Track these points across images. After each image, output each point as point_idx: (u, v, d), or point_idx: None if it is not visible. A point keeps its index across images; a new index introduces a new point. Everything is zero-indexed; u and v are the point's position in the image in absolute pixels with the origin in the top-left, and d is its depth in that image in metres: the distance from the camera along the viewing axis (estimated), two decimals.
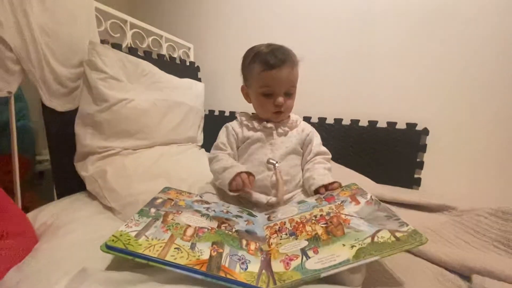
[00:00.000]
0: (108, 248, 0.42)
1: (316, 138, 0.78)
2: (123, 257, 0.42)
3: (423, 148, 1.12)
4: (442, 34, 1.06)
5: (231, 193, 0.65)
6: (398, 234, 0.41)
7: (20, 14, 0.71)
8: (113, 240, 0.42)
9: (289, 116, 0.78)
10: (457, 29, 1.03)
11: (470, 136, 1.06)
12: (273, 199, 0.68)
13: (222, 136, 0.77)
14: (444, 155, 1.10)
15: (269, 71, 0.66)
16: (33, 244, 0.57)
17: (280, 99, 0.69)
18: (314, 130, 0.80)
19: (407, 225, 0.43)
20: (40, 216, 0.69)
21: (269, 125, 0.74)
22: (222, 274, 0.39)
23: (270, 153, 0.72)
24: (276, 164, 0.69)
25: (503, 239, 0.56)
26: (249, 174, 0.64)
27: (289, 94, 0.71)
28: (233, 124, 0.78)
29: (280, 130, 0.74)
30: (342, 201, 0.55)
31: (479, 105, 1.03)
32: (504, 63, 0.98)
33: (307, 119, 1.29)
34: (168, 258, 0.40)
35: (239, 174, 0.63)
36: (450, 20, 1.04)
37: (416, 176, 1.13)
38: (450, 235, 0.63)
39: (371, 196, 0.54)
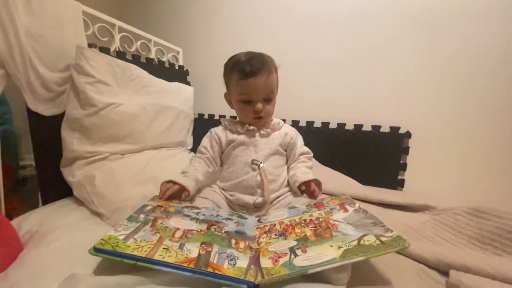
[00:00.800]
0: (96, 251, 0.42)
1: (299, 140, 0.82)
2: (112, 261, 0.42)
3: (406, 151, 1.16)
4: (423, 40, 1.11)
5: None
6: (383, 238, 0.43)
7: (5, 18, 0.70)
8: (101, 243, 0.43)
9: (271, 120, 0.81)
10: (438, 34, 1.09)
11: (450, 138, 1.11)
12: (259, 199, 0.70)
13: (205, 141, 0.81)
14: (425, 157, 1.15)
15: (246, 80, 0.70)
16: (18, 252, 0.55)
17: (259, 106, 0.72)
18: (296, 132, 0.83)
19: (392, 231, 0.45)
20: (25, 223, 0.67)
21: (251, 127, 0.77)
22: (210, 270, 0.40)
23: (254, 154, 0.75)
24: (261, 165, 0.72)
25: (478, 236, 0.60)
26: (182, 188, 0.67)
27: (268, 100, 0.75)
28: (217, 129, 0.81)
29: (262, 132, 0.78)
30: (331, 208, 0.57)
31: (459, 109, 1.09)
32: (484, 66, 1.04)
33: (295, 122, 1.32)
34: (156, 257, 0.41)
35: (168, 182, 0.68)
36: (431, 26, 1.09)
37: (399, 177, 1.18)
38: (430, 233, 0.66)
39: (359, 206, 0.57)
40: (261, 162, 0.72)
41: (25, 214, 0.73)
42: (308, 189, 0.68)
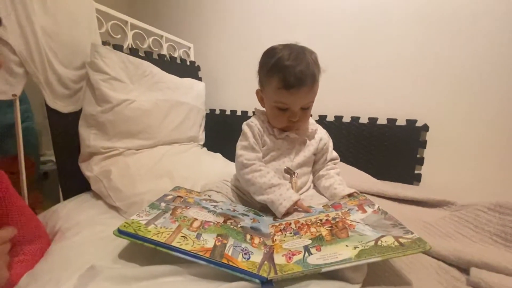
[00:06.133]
0: (120, 232, 0.44)
1: (331, 145, 0.79)
2: (131, 253, 0.43)
3: (423, 144, 1.12)
4: (441, 31, 1.06)
5: (281, 217, 0.61)
6: (402, 240, 0.42)
7: (23, 18, 0.72)
8: (125, 226, 0.45)
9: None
10: (456, 26, 1.04)
11: (469, 131, 1.07)
12: None
13: (250, 137, 0.70)
14: (444, 150, 1.11)
15: (287, 90, 0.63)
16: (48, 247, 0.58)
17: (296, 118, 0.67)
18: (329, 136, 0.80)
19: (412, 233, 0.43)
20: (49, 219, 0.70)
21: (293, 135, 0.71)
22: (224, 261, 0.41)
23: (288, 161, 0.71)
24: (294, 175, 0.69)
25: (501, 233, 0.58)
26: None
27: (307, 108, 0.68)
28: (257, 124, 0.72)
29: (301, 140, 0.74)
30: (349, 209, 0.56)
31: (478, 100, 1.04)
32: (503, 59, 0.98)
33: None
34: (175, 244, 0.43)
35: (296, 203, 0.61)
36: (449, 18, 1.04)
37: (416, 172, 1.14)
38: (449, 230, 0.64)
39: (378, 206, 0.55)
40: (294, 172, 0.69)
41: (48, 209, 0.76)
42: None
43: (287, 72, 0.62)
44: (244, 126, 0.73)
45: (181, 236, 0.45)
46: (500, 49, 0.99)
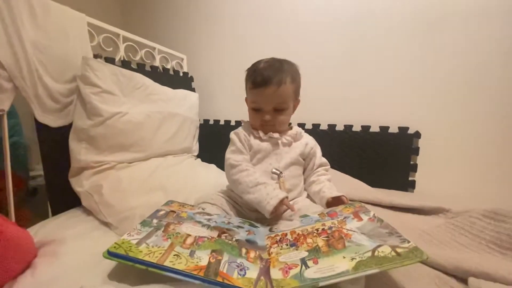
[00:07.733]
0: (110, 254, 0.43)
1: (318, 151, 0.82)
2: (121, 271, 0.42)
3: (416, 151, 1.13)
4: (432, 38, 1.09)
5: (269, 216, 0.62)
6: (398, 250, 0.42)
7: (12, 31, 0.71)
8: (115, 247, 0.44)
9: (291, 128, 0.81)
10: (446, 33, 1.06)
11: (461, 137, 1.08)
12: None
13: (236, 142, 0.76)
14: (436, 157, 1.12)
15: (255, 89, 0.72)
16: (32, 257, 0.55)
17: (267, 117, 0.73)
18: (316, 143, 0.83)
19: (409, 241, 0.43)
20: (36, 235, 0.67)
21: (276, 135, 0.75)
22: (219, 279, 0.40)
23: (275, 162, 0.74)
24: (282, 174, 0.71)
25: (497, 240, 0.57)
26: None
27: (280, 110, 0.74)
28: (242, 131, 0.79)
29: (284, 141, 0.77)
30: (344, 217, 0.56)
31: (469, 107, 1.06)
32: (494, 65, 1.01)
33: (301, 126, 1.30)
34: (167, 264, 0.41)
35: (282, 201, 0.62)
36: (440, 25, 1.07)
37: (410, 178, 1.15)
38: (445, 238, 0.64)
39: (373, 214, 0.54)
40: (281, 172, 0.72)
41: (35, 225, 0.74)
42: (337, 204, 0.65)
43: (257, 74, 0.71)
44: (232, 135, 0.79)
45: (174, 255, 0.43)
46: (490, 56, 1.01)
